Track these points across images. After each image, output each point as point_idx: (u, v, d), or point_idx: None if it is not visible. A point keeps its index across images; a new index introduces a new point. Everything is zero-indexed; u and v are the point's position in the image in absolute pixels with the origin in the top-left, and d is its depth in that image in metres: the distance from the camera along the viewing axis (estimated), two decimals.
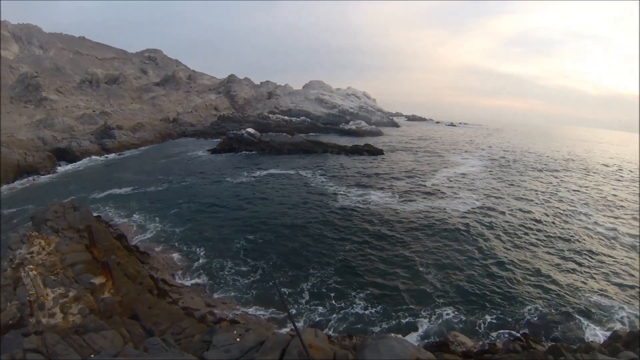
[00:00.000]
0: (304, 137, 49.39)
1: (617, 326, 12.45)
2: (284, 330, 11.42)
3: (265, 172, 31.81)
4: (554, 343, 10.14)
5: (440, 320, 12.48)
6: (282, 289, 13.83)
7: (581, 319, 12.90)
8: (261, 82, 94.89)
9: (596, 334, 12.19)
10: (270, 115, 71.63)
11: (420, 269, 15.70)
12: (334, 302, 13.37)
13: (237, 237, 18.17)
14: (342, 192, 26.19)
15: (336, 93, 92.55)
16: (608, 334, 11.46)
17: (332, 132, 67.00)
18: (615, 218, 25.44)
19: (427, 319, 12.53)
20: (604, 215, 25.79)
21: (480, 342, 11.24)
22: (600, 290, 15.00)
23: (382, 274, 15.20)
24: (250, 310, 12.77)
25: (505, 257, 17.33)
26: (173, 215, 21.06)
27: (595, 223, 23.69)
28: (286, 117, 71.47)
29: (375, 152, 44.54)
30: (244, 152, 43.05)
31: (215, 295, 13.57)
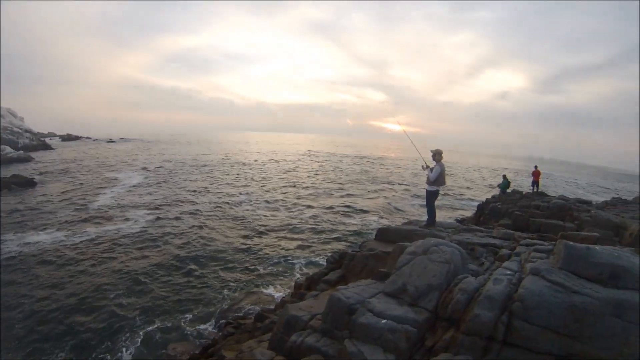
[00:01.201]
0: None
1: (297, 277, 14.73)
2: None
3: None
4: (257, 312, 10.73)
5: (146, 343, 10.86)
6: None
7: (268, 287, 14.46)
8: None
9: (283, 292, 13.84)
10: None
11: (105, 302, 13.30)
12: None
13: None
14: None
15: None
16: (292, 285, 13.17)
17: None
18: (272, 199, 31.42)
19: (133, 350, 10.62)
20: (264, 202, 30.86)
21: (199, 342, 10.66)
22: (274, 259, 17.40)
23: (71, 324, 11.94)
24: None
25: (184, 259, 17.23)
26: None
27: (257, 208, 27.73)
28: None
29: (26, 183, 36.14)
30: None
31: None
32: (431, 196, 9.86)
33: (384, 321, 4.71)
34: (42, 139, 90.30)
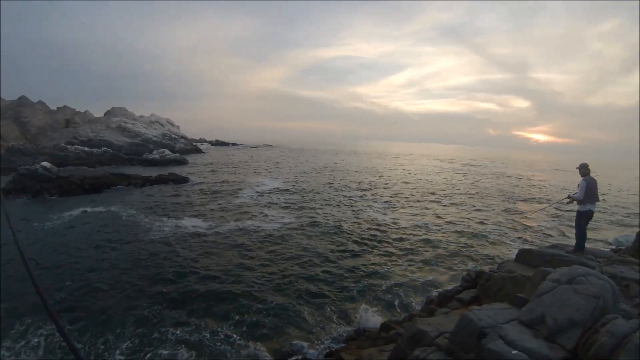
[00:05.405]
0: (106, 170, 44.01)
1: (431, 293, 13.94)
2: None
3: (69, 214, 26.22)
4: (383, 321, 10.72)
5: (267, 335, 11.55)
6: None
7: (397, 298, 14.15)
8: (58, 108, 78.70)
9: (415, 304, 13.46)
10: (69, 146, 61.63)
11: (233, 287, 14.71)
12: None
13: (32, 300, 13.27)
14: (156, 224, 23.51)
15: (139, 121, 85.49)
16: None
17: (135, 163, 61.94)
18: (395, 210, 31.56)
19: (253, 339, 11.48)
20: (395, 208, 31.75)
21: (323, 344, 10.97)
22: (406, 270, 17.05)
23: (197, 296, 13.74)
24: None
25: (317, 259, 18.04)
26: None
27: (390, 216, 28.56)
28: (86, 148, 62.52)
29: (180, 180, 43.51)
30: (42, 192, 34.67)
31: None
32: (581, 217, 8.66)
33: (514, 352, 4.49)
34: (195, 144, 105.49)
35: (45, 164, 38.73)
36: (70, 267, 16.49)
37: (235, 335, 11.47)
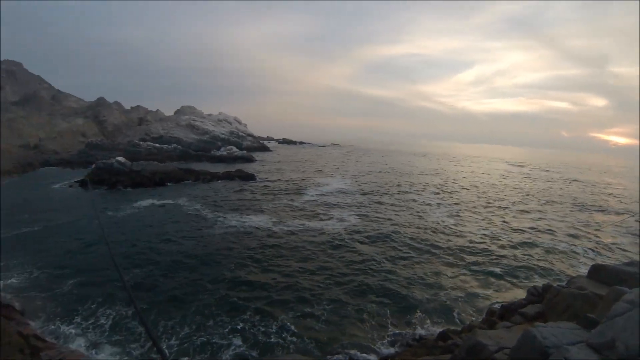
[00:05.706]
0: (175, 165, 47.34)
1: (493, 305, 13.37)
2: None
3: (140, 205, 28.59)
4: (441, 330, 10.56)
5: (324, 337, 11.61)
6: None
7: (461, 306, 13.82)
8: (132, 107, 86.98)
9: (475, 315, 13.02)
10: (141, 142, 66.30)
11: (294, 283, 15.19)
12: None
13: (110, 281, 14.80)
14: (220, 219, 24.73)
15: (208, 119, 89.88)
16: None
17: (204, 159, 65.40)
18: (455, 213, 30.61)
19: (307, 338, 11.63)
20: (459, 213, 31.26)
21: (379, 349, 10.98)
22: (468, 280, 16.49)
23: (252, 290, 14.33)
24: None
25: (377, 267, 17.57)
26: (39, 261, 16.66)
27: (452, 220, 28.10)
28: (157, 145, 67.09)
29: (246, 177, 45.09)
30: (117, 184, 37.77)
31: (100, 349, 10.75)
32: None
33: None
34: (262, 142, 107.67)
35: (120, 158, 42.46)
36: (138, 255, 18.01)
37: (292, 328, 11.92)
